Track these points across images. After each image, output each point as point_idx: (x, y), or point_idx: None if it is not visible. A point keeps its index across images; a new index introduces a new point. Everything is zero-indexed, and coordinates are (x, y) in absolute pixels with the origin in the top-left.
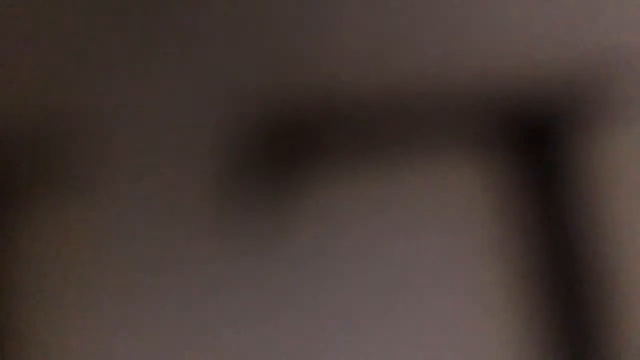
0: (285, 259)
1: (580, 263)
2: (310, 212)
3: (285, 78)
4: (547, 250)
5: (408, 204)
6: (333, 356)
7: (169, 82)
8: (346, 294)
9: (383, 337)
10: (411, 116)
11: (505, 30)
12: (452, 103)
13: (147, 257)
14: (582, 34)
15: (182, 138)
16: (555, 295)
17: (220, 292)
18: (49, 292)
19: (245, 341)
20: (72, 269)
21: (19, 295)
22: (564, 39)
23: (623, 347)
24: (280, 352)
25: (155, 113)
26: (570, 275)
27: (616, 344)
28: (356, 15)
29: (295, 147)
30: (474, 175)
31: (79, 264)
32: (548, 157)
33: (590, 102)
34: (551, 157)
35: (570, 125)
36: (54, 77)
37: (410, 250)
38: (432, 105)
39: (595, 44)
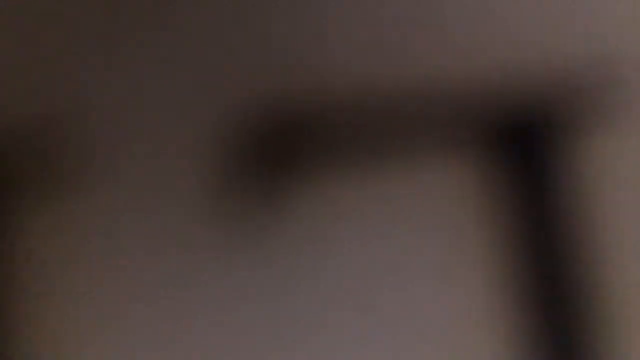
0: (278, 257)
1: (569, 266)
2: (303, 212)
3: (278, 79)
4: (535, 253)
5: (398, 205)
6: (324, 354)
7: (163, 81)
8: (339, 293)
9: (372, 337)
10: (400, 118)
11: (494, 33)
12: (440, 105)
13: (142, 256)
14: (570, 38)
15: (176, 138)
16: (543, 297)
17: (214, 291)
18: (45, 290)
19: (238, 338)
20: (68, 268)
21: (16, 294)
22: (553, 42)
23: (614, 348)
24: (273, 349)
25: (149, 113)
26: (558, 278)
27: (606, 346)
28: (347, 20)
29: (288, 148)
30: (462, 177)
31: (75, 263)
32: (536, 160)
33: (578, 105)
34: (539, 159)
35: (559, 128)
36: (46, 79)
37: (398, 250)
38: (421, 107)
39: (583, 48)
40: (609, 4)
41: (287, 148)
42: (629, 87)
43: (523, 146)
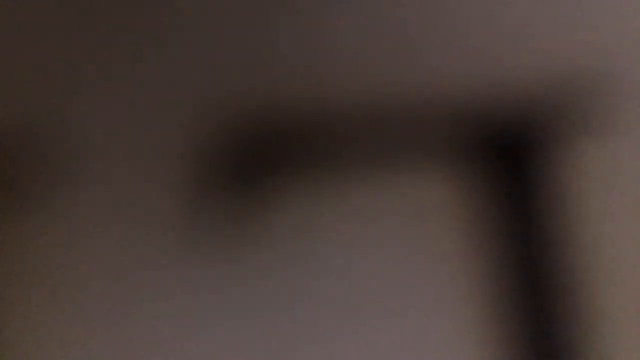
0: (256, 268)
1: (558, 275)
2: (283, 223)
3: (262, 89)
4: (522, 262)
5: (385, 214)
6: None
7: (142, 88)
8: (317, 303)
9: (355, 346)
10: (389, 129)
11: (484, 46)
12: (429, 117)
13: (118, 265)
14: (559, 49)
15: (154, 146)
16: (529, 306)
17: (190, 300)
18: (19, 299)
19: (215, 348)
20: (41, 277)
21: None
22: (541, 53)
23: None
24: (255, 352)
25: (127, 120)
26: (545, 286)
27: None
28: (341, 28)
29: (269, 158)
30: (450, 187)
31: (49, 271)
32: (524, 170)
33: (566, 115)
34: (527, 169)
35: (547, 137)
36: (24, 86)
37: (383, 260)
38: (409, 119)
39: (571, 58)
40: (600, 16)
41: (271, 156)
42: (618, 97)
43: (511, 156)
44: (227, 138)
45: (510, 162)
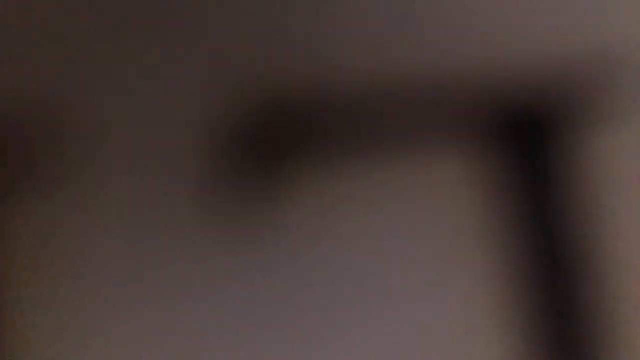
0: (275, 252)
1: (572, 260)
2: (302, 206)
3: (281, 70)
4: (539, 248)
5: (399, 199)
6: (323, 350)
7: (158, 75)
8: (337, 287)
9: (372, 331)
10: (403, 112)
11: (499, 30)
12: (445, 101)
13: (136, 251)
14: (574, 35)
15: (173, 131)
16: (546, 292)
17: (208, 286)
18: (34, 286)
19: (234, 335)
20: (59, 264)
21: (7, 287)
22: (557, 39)
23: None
24: (271, 346)
25: (144, 106)
26: (561, 272)
27: (609, 343)
28: (354, 13)
29: (287, 141)
30: (466, 170)
31: (66, 259)
32: (540, 155)
33: (583, 100)
34: (543, 154)
35: (563, 122)
36: (42, 72)
37: (400, 245)
38: (424, 102)
39: (588, 45)
40: (612, 1)
41: (290, 139)
42: (633, 83)
43: (527, 141)
44: (243, 124)
45: (528, 145)
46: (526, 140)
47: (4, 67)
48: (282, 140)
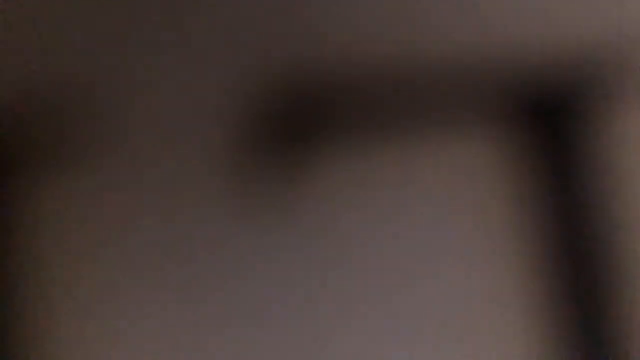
0: (296, 233)
1: (598, 243)
2: (323, 187)
3: (299, 53)
4: (563, 230)
5: (421, 181)
6: (343, 331)
7: (182, 54)
8: (356, 269)
9: (390, 313)
10: (426, 94)
11: (527, 8)
12: (466, 80)
13: (160, 230)
14: (602, 14)
15: (195, 111)
16: (571, 275)
17: (230, 265)
18: (58, 264)
19: (254, 315)
20: (83, 242)
21: (27, 264)
22: (585, 18)
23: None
24: (291, 326)
25: (167, 86)
26: (587, 255)
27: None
28: None
29: (308, 122)
30: (490, 152)
31: (90, 236)
32: (566, 136)
33: (609, 81)
34: (569, 135)
35: (590, 104)
36: (67, 48)
37: (421, 226)
38: (446, 82)
39: (616, 25)
40: None
41: (310, 120)
42: None
43: (553, 122)
44: (267, 107)
45: (553, 128)
46: (552, 123)
47: (37, 47)
48: (305, 122)
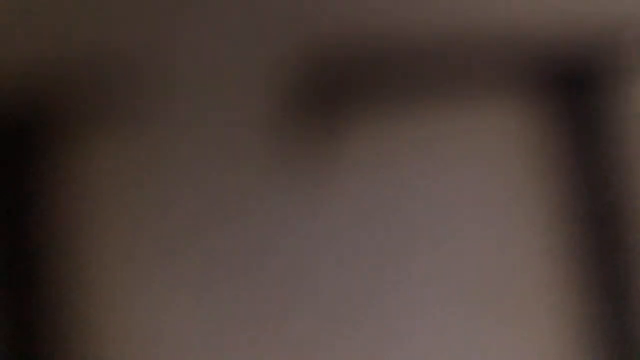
0: (335, 197)
1: (619, 212)
2: (357, 152)
3: (334, 22)
4: (584, 198)
5: (450, 146)
6: (387, 287)
7: (224, 22)
8: (392, 228)
9: (424, 268)
10: (452, 61)
11: None
12: (490, 49)
13: (206, 191)
14: None
15: (232, 78)
16: (591, 241)
17: (270, 231)
18: (107, 224)
19: (296, 274)
20: (130, 205)
21: (80, 226)
22: None
23: None
24: (332, 285)
25: (210, 53)
26: (606, 222)
27: None
28: None
29: (344, 89)
30: (514, 121)
31: (138, 199)
32: (586, 103)
33: (628, 48)
34: (589, 103)
35: (608, 72)
36: (114, 14)
37: (450, 188)
38: (472, 51)
39: None
40: None
41: (343, 89)
42: None
43: (571, 92)
44: (305, 72)
45: (579, 97)
46: (572, 95)
47: (84, 15)
48: (337, 89)
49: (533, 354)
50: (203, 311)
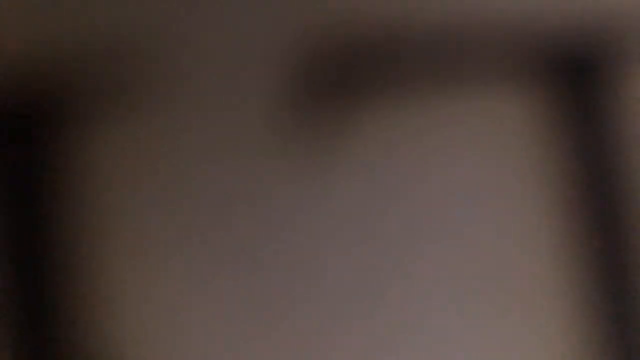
0: (343, 181)
1: (624, 198)
2: (359, 145)
3: (343, 8)
4: (590, 185)
5: (450, 137)
6: (390, 278)
7: (230, 15)
8: (394, 221)
9: (426, 259)
10: (452, 53)
11: None
12: (492, 40)
13: (213, 177)
14: None
15: (244, 61)
16: (596, 230)
17: (279, 214)
18: (118, 205)
19: (296, 268)
20: (140, 189)
21: (92, 208)
22: None
23: None
24: (336, 277)
25: (222, 37)
26: (611, 208)
27: None
28: None
29: (354, 75)
30: (514, 111)
31: (142, 192)
32: (588, 93)
33: (634, 36)
34: (595, 90)
35: (615, 60)
36: (121, 5)
37: (454, 176)
38: (473, 41)
39: None
40: None
41: (353, 75)
42: None
43: (577, 79)
44: (315, 59)
45: (585, 84)
46: (579, 77)
47: (93, 7)
48: (347, 75)
49: (536, 351)
50: (207, 304)
